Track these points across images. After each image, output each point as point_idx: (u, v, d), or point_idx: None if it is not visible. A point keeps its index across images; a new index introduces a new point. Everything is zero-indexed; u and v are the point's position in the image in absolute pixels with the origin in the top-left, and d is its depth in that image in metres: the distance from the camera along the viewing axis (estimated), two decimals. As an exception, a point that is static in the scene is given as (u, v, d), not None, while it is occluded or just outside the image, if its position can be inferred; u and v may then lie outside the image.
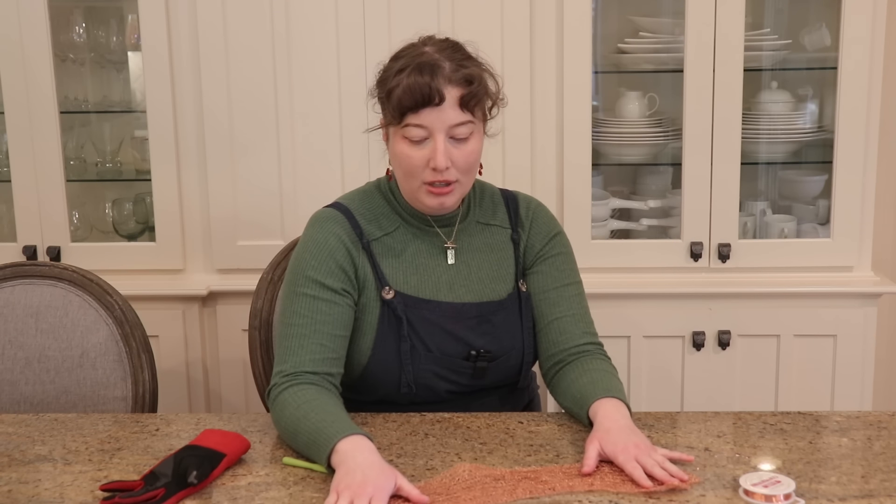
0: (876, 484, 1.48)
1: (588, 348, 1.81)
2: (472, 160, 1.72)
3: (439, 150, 1.67)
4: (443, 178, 1.69)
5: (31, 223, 2.69)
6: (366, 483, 1.42)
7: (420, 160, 1.69)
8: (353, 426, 1.55)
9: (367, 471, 1.44)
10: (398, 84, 1.67)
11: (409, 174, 1.72)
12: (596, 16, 2.65)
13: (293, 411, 1.62)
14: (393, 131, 1.73)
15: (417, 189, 1.73)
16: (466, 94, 1.68)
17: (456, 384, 1.81)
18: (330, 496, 1.42)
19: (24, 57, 2.60)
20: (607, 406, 1.63)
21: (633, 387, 2.65)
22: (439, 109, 1.66)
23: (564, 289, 1.85)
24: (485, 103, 1.73)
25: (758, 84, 2.74)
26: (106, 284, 2.07)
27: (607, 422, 1.59)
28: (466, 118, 1.69)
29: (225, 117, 2.61)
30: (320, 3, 2.56)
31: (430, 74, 1.65)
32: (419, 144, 1.69)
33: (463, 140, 1.69)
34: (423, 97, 1.65)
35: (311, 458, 1.57)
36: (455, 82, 1.67)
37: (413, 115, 1.67)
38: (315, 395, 1.65)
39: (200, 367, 2.71)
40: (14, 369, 2.04)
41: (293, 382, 1.67)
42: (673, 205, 2.74)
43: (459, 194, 1.75)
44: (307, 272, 1.75)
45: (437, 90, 1.65)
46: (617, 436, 1.54)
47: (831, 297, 2.59)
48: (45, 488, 1.51)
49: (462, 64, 1.69)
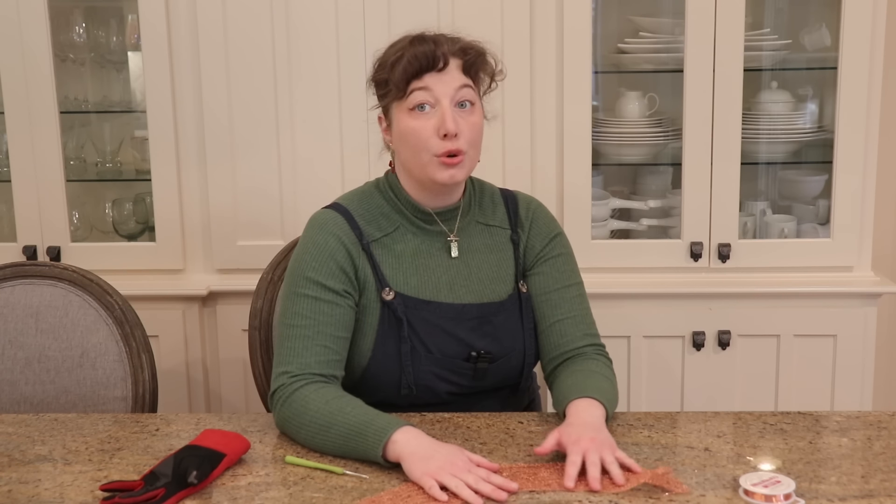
0: (876, 484, 1.48)
1: (587, 350, 1.82)
2: (476, 132, 1.75)
3: (447, 115, 1.69)
4: (454, 145, 1.70)
5: (31, 223, 2.69)
6: (453, 461, 1.48)
7: (429, 130, 1.71)
8: (399, 419, 1.59)
9: (443, 452, 1.50)
10: (401, 56, 1.71)
11: (418, 148, 1.72)
12: (596, 16, 2.65)
13: (322, 406, 1.63)
14: (397, 109, 1.74)
15: (428, 163, 1.73)
16: (467, 60, 1.73)
17: (456, 385, 1.81)
18: (423, 481, 1.46)
19: (24, 57, 2.60)
20: (579, 405, 1.65)
21: (633, 387, 2.65)
22: (443, 74, 1.71)
23: (566, 290, 1.85)
24: (483, 76, 1.78)
25: (758, 84, 2.74)
26: (106, 284, 2.07)
27: (572, 417, 1.62)
28: (469, 82, 1.73)
29: (225, 117, 2.61)
30: (320, 4, 2.56)
31: (434, 42, 1.71)
32: (425, 115, 1.71)
33: (467, 111, 1.73)
34: (427, 61, 1.70)
35: (344, 452, 1.58)
36: (455, 52, 1.73)
37: (417, 80, 1.70)
38: (339, 392, 1.68)
39: (200, 367, 2.71)
40: (14, 369, 2.04)
41: (307, 381, 1.68)
42: (673, 205, 2.74)
43: (468, 168, 1.76)
44: (307, 273, 1.75)
45: (441, 54, 1.70)
46: (574, 428, 1.56)
47: (831, 297, 2.59)
48: (45, 488, 1.52)
49: (458, 39, 1.76)
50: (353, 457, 1.58)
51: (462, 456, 1.51)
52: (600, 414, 1.64)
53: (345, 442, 1.58)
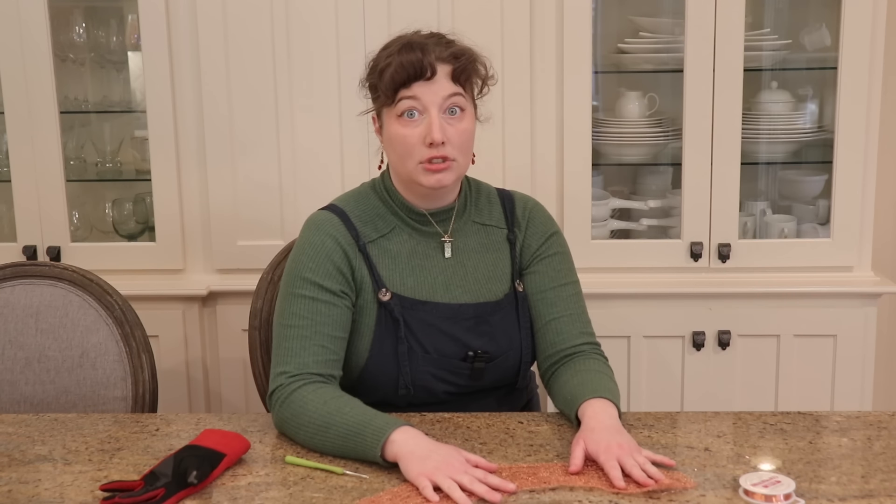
0: (876, 484, 1.48)
1: (584, 348, 1.82)
2: (465, 138, 1.74)
3: (434, 124, 1.69)
4: (439, 153, 1.70)
5: (31, 223, 2.68)
6: (450, 461, 1.47)
7: (416, 138, 1.71)
8: (397, 419, 1.59)
9: (441, 452, 1.50)
10: (390, 63, 1.71)
11: (405, 154, 1.73)
12: (596, 16, 2.65)
13: (320, 406, 1.62)
14: (387, 114, 1.75)
15: (414, 169, 1.73)
16: (457, 67, 1.72)
17: (454, 385, 1.81)
18: (418, 481, 1.45)
19: (24, 57, 2.60)
20: (595, 406, 1.64)
21: (633, 387, 2.65)
22: (431, 83, 1.70)
23: (561, 289, 1.85)
24: (474, 81, 1.77)
25: (758, 84, 2.74)
26: (106, 284, 2.07)
27: (592, 421, 1.60)
28: (458, 90, 1.72)
29: (225, 117, 2.61)
30: (320, 4, 2.56)
31: (421, 51, 1.70)
32: (414, 122, 1.71)
33: (456, 117, 1.72)
34: (415, 70, 1.69)
35: (343, 452, 1.58)
36: (444, 59, 1.72)
37: (405, 89, 1.70)
38: (338, 392, 1.68)
39: (200, 367, 2.71)
40: (14, 369, 2.04)
41: (306, 381, 1.68)
42: (673, 205, 2.74)
43: (456, 174, 1.75)
44: (304, 274, 1.75)
45: (428, 63, 1.70)
46: (600, 435, 1.55)
47: (831, 297, 2.59)
48: (45, 488, 1.52)
49: (449, 44, 1.75)
50: (351, 457, 1.58)
51: (459, 457, 1.50)
52: (616, 415, 1.64)
53: (343, 442, 1.58)
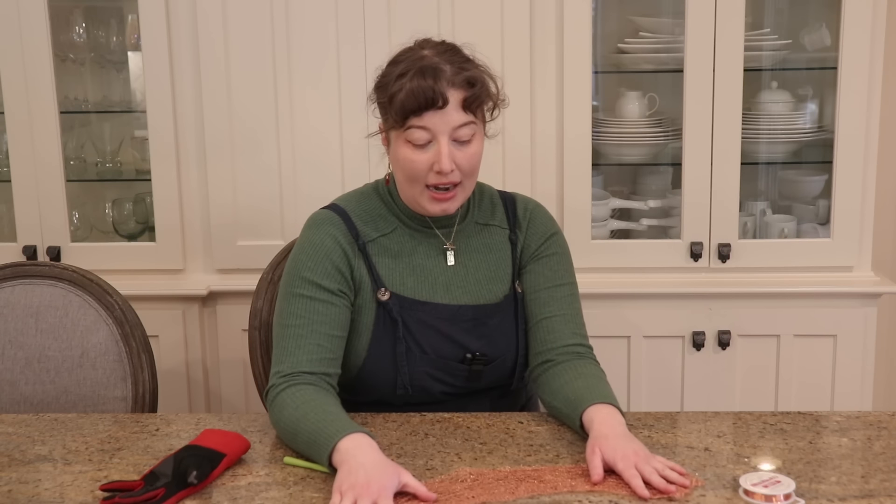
0: (876, 484, 1.48)
1: (579, 350, 1.80)
2: (474, 162, 1.73)
3: (443, 153, 1.67)
4: (447, 180, 1.70)
5: (31, 223, 2.68)
6: (369, 482, 1.41)
7: (423, 164, 1.69)
8: (353, 425, 1.55)
9: (370, 469, 1.44)
10: (400, 89, 1.67)
11: (412, 178, 1.72)
12: (596, 16, 2.65)
13: (292, 412, 1.62)
14: (395, 136, 1.72)
15: (420, 194, 1.73)
16: (469, 96, 1.68)
17: (451, 386, 1.81)
18: (333, 497, 1.42)
19: (24, 57, 2.60)
20: (603, 412, 1.62)
21: (633, 387, 2.65)
22: (442, 112, 1.67)
23: (557, 289, 1.84)
24: (485, 105, 1.74)
25: (758, 84, 2.74)
26: (106, 284, 2.07)
27: (605, 428, 1.58)
28: (469, 119, 1.69)
29: (225, 117, 2.61)
30: (320, 5, 2.56)
31: (433, 78, 1.66)
32: (422, 148, 1.69)
33: (466, 142, 1.70)
34: (426, 100, 1.65)
35: (311, 459, 1.56)
36: (457, 85, 1.67)
37: (416, 118, 1.67)
38: (313, 395, 1.65)
39: (200, 367, 2.71)
40: (14, 369, 2.04)
41: (291, 383, 1.67)
42: (673, 205, 2.74)
43: (462, 198, 1.75)
44: (303, 273, 1.75)
45: (440, 93, 1.65)
46: (616, 442, 1.53)
47: (831, 297, 2.59)
48: (45, 488, 1.52)
49: (463, 67, 1.70)
50: (319, 462, 1.55)
51: (388, 482, 1.42)
52: (624, 421, 1.62)
53: (307, 449, 1.57)
